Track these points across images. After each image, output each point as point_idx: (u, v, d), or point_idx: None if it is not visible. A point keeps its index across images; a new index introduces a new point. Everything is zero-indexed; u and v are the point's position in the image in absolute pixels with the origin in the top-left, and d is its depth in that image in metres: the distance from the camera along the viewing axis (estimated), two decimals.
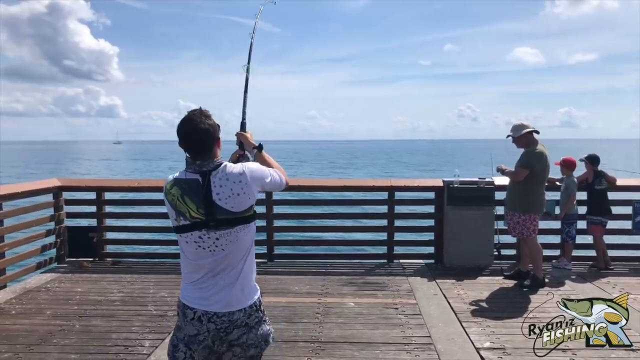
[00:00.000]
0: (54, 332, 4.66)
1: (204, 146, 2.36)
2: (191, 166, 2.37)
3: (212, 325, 2.38)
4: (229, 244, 2.36)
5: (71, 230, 7.40)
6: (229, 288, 2.40)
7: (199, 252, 2.38)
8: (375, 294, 5.84)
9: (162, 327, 4.79)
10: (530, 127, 6.04)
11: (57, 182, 7.23)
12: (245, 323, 2.43)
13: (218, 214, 2.32)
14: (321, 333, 4.63)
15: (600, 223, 6.79)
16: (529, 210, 5.97)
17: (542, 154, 5.94)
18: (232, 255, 2.39)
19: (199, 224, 2.33)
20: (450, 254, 7.03)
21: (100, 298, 5.68)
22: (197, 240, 2.36)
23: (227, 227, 2.34)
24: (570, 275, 6.55)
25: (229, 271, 2.41)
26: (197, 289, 2.42)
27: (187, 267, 2.48)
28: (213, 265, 2.39)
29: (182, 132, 2.37)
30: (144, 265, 7.21)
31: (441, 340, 4.46)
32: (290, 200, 8.44)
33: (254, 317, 2.46)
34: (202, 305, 2.39)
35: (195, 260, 2.41)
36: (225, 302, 2.39)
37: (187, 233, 2.36)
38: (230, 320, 2.39)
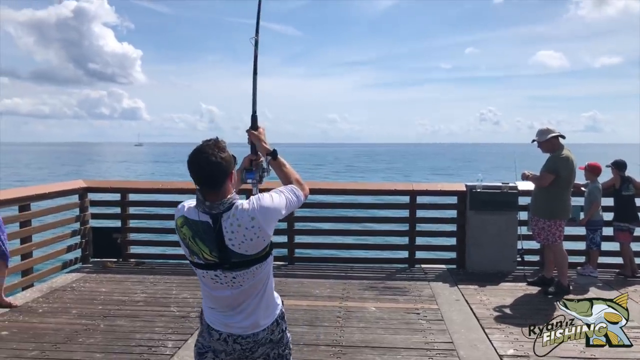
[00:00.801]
0: (80, 331, 4.74)
1: (216, 181, 2.22)
2: (201, 206, 2.25)
3: (237, 346, 2.40)
4: (247, 281, 2.32)
5: (96, 231, 7.52)
6: (252, 313, 2.39)
7: (217, 286, 2.33)
8: (396, 298, 5.82)
9: (184, 328, 4.84)
10: (556, 132, 5.96)
11: (82, 184, 7.37)
12: (269, 340, 2.44)
13: (232, 258, 2.24)
14: (342, 337, 4.62)
15: (628, 230, 6.66)
16: (555, 216, 5.88)
17: (568, 158, 5.85)
18: (251, 289, 2.35)
19: (214, 265, 2.27)
20: (473, 260, 6.96)
21: (124, 298, 5.76)
22: (214, 278, 2.31)
23: (243, 268, 2.28)
24: (596, 282, 6.44)
25: (250, 300, 2.38)
26: (221, 315, 2.41)
27: (207, 295, 2.43)
28: (232, 299, 2.35)
29: (193, 164, 2.23)
30: (167, 266, 7.29)
31: (464, 347, 4.42)
32: (311, 204, 8.46)
33: (277, 332, 2.47)
34: (227, 329, 2.39)
35: (213, 291, 2.36)
36: (249, 325, 2.39)
37: (203, 270, 2.31)
38: (255, 341, 2.40)
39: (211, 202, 2.22)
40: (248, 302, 2.37)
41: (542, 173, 5.91)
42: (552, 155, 5.92)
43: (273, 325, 2.45)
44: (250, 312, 2.38)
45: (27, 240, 6.24)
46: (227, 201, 2.23)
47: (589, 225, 6.70)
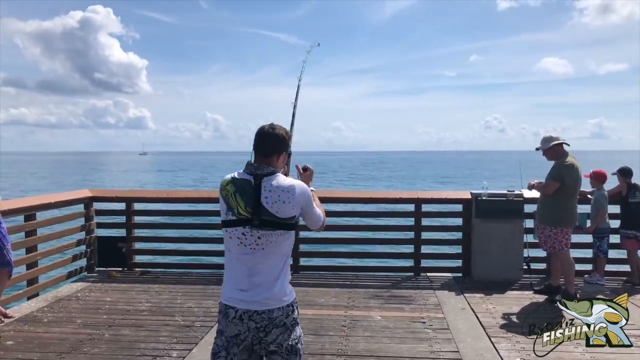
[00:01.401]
0: (84, 341, 4.73)
1: (268, 149, 2.64)
2: (249, 168, 2.62)
3: (252, 324, 2.52)
4: (269, 245, 2.54)
5: (101, 240, 7.53)
6: (267, 287, 2.55)
7: (241, 250, 2.56)
8: (402, 307, 5.78)
9: (189, 338, 4.82)
10: (560, 139, 5.94)
11: (88, 193, 7.39)
12: (283, 323, 2.57)
13: (263, 215, 2.51)
14: (347, 346, 4.59)
15: (635, 237, 6.61)
16: (561, 223, 5.85)
17: (573, 165, 5.82)
18: (271, 257, 2.57)
19: (244, 220, 2.52)
20: (479, 268, 6.92)
21: (129, 308, 5.75)
22: (240, 237, 2.54)
23: (269, 229, 2.52)
24: (603, 290, 6.39)
25: (267, 271, 2.56)
26: (237, 289, 2.57)
27: (229, 265, 2.64)
28: (252, 264, 2.55)
29: (258, 132, 2.68)
30: (172, 275, 7.28)
31: (470, 356, 4.38)
32: None
33: (291, 319, 2.62)
34: (243, 304, 2.54)
35: (237, 254, 2.58)
36: (264, 300, 2.54)
37: (233, 228, 2.55)
38: (270, 318, 2.54)
39: (261, 166, 2.60)
40: (266, 271, 2.56)
41: (547, 181, 5.88)
42: (557, 163, 5.89)
43: (288, 308, 2.61)
44: (267, 284, 2.55)
45: (33, 249, 6.25)
46: (271, 169, 2.60)
47: (596, 233, 6.66)
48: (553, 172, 5.87)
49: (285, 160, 2.79)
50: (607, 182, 6.85)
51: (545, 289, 6.23)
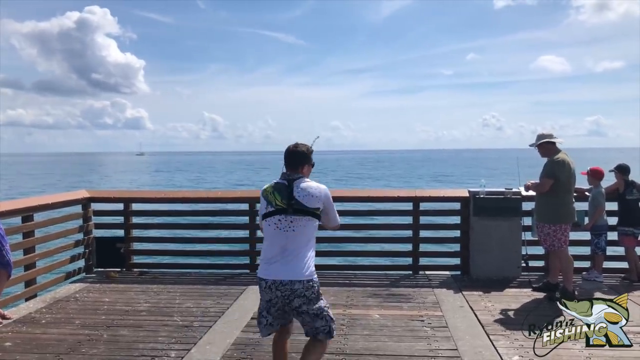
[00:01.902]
0: (83, 342, 4.72)
1: (295, 162, 3.51)
2: (283, 176, 3.51)
3: (278, 293, 3.29)
4: (299, 227, 3.34)
5: (99, 241, 7.53)
6: (293, 263, 3.31)
7: (276, 232, 3.36)
8: (400, 305, 5.79)
9: (187, 338, 4.82)
10: (552, 137, 5.98)
11: (85, 194, 7.38)
12: (303, 294, 3.31)
13: (295, 205, 3.35)
14: (346, 345, 4.59)
15: (632, 234, 6.63)
16: (559, 220, 5.86)
17: (564, 161, 5.84)
18: (299, 238, 3.35)
19: (281, 210, 3.36)
20: (477, 266, 6.93)
21: (127, 308, 5.75)
22: (277, 222, 3.36)
23: (300, 215, 3.35)
24: (602, 287, 6.40)
25: (295, 250, 3.33)
26: (269, 264, 3.35)
27: (265, 247, 3.43)
28: (284, 244, 3.33)
29: (287, 151, 3.55)
30: (170, 275, 7.28)
31: (468, 354, 4.38)
32: None
33: (311, 292, 3.34)
34: (271, 276, 3.31)
35: (272, 237, 3.38)
36: (288, 273, 3.28)
37: (271, 217, 3.38)
38: (292, 289, 3.28)
39: (291, 174, 3.47)
40: (293, 248, 3.33)
41: (541, 179, 5.90)
42: (549, 160, 5.92)
43: (308, 283, 3.32)
44: (292, 259, 3.32)
45: (30, 250, 6.25)
46: (299, 175, 3.48)
47: (594, 230, 6.68)
48: (545, 169, 5.89)
49: (310, 170, 3.61)
50: (605, 179, 6.86)
51: (543, 287, 6.24)
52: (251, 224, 7.40)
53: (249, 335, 4.88)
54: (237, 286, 6.58)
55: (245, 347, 4.59)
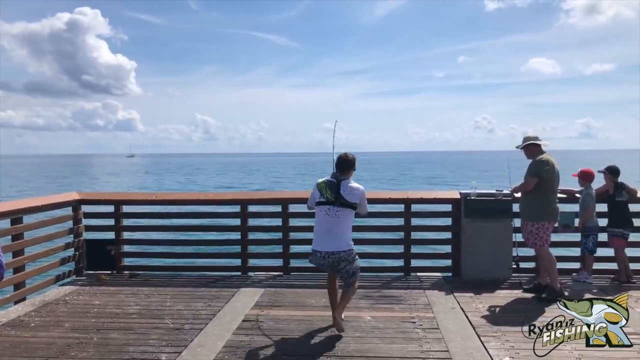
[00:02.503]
0: (72, 345, 4.69)
1: (344, 167, 4.98)
2: (333, 175, 5.00)
3: (329, 260, 4.87)
4: (342, 216, 4.85)
5: (89, 243, 7.48)
6: (337, 239, 4.84)
7: (326, 218, 4.87)
8: (392, 307, 5.79)
9: (179, 340, 4.80)
10: (537, 139, 6.10)
11: (76, 196, 7.33)
12: (345, 258, 4.89)
13: (340, 199, 4.85)
14: (338, 347, 4.59)
15: (622, 235, 6.67)
16: (542, 218, 5.97)
17: (548, 161, 5.96)
18: (342, 223, 4.86)
19: (330, 202, 4.87)
20: (468, 267, 6.95)
21: (118, 311, 5.71)
22: (327, 210, 4.87)
23: (343, 207, 4.86)
24: (591, 289, 6.44)
25: (340, 231, 4.85)
26: (322, 241, 4.88)
27: (317, 227, 4.96)
28: (331, 226, 4.84)
29: (340, 158, 4.99)
30: (162, 278, 7.24)
31: (459, 355, 4.39)
32: (306, 213, 8.43)
33: (351, 256, 4.95)
34: (325, 248, 4.86)
35: (322, 220, 4.89)
36: (335, 246, 4.83)
37: (323, 206, 4.89)
38: (339, 257, 4.85)
39: (340, 176, 4.95)
40: (337, 230, 4.84)
41: (526, 177, 6.01)
42: (533, 160, 6.04)
43: (349, 251, 4.90)
44: (337, 237, 4.84)
45: (20, 253, 6.19)
46: (345, 177, 4.97)
47: (584, 230, 6.72)
48: (530, 168, 6.02)
49: (352, 172, 5.03)
50: (595, 180, 6.90)
51: (534, 288, 6.28)
52: (243, 225, 7.38)
53: (241, 337, 4.86)
54: (228, 288, 6.56)
55: (237, 349, 4.57)
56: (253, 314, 5.56)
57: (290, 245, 7.41)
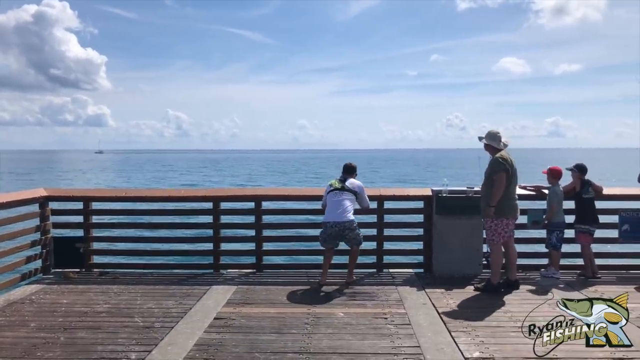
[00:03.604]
0: (38, 345, 4.57)
1: (349, 171, 6.81)
2: (341, 176, 6.77)
3: (336, 228, 6.39)
4: (345, 197, 6.50)
5: (57, 241, 7.31)
6: (343, 213, 6.38)
7: (334, 199, 6.49)
8: (364, 303, 5.82)
9: (149, 339, 4.72)
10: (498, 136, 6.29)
11: (43, 192, 7.15)
12: (349, 227, 6.40)
13: (345, 189, 6.56)
14: (310, 344, 4.59)
15: (588, 232, 6.83)
16: (500, 215, 6.13)
17: (507, 158, 6.13)
18: (345, 202, 6.45)
19: (338, 189, 6.56)
20: (440, 263, 7.03)
21: (86, 309, 5.60)
22: (334, 194, 6.53)
23: (346, 193, 6.54)
24: (558, 284, 6.57)
25: (344, 207, 6.41)
26: (331, 214, 6.43)
27: (328, 207, 6.52)
28: (337, 203, 6.45)
29: (346, 165, 6.91)
30: (132, 276, 7.13)
31: (430, 351, 4.43)
32: (278, 210, 8.41)
33: (354, 226, 6.46)
34: (332, 219, 6.39)
35: (332, 201, 6.49)
36: (341, 217, 6.36)
37: (331, 192, 6.55)
38: (344, 226, 6.38)
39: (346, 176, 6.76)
40: (342, 205, 6.42)
41: (494, 175, 6.12)
42: (493, 158, 6.22)
43: (352, 222, 6.42)
44: (342, 211, 6.38)
45: None
46: (350, 178, 6.73)
47: (550, 226, 6.87)
48: (493, 167, 6.17)
49: (355, 175, 6.84)
50: (563, 178, 7.04)
51: (503, 283, 6.37)
52: (215, 222, 7.31)
53: (212, 335, 4.82)
54: (200, 286, 6.49)
55: (208, 347, 4.53)
56: (225, 311, 5.52)
57: (263, 242, 7.37)
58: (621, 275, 7.00)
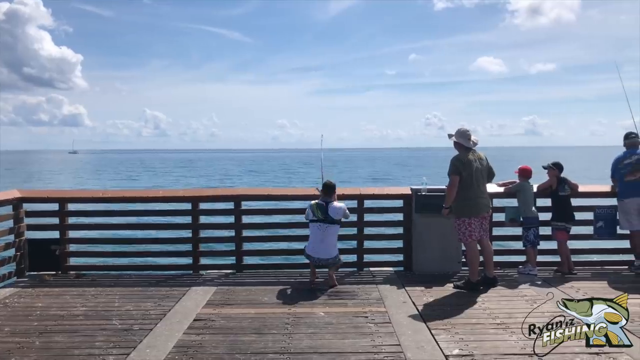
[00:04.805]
0: (12, 350, 4.47)
1: (330, 191, 6.52)
2: (322, 198, 6.49)
3: (320, 262, 6.43)
4: (328, 230, 6.37)
5: (32, 243, 7.15)
6: (327, 249, 6.37)
7: (319, 232, 6.37)
8: (345, 302, 5.82)
9: (127, 342, 4.65)
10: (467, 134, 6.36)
11: (17, 194, 7.00)
12: (332, 262, 6.43)
13: (328, 218, 6.36)
14: (290, 344, 4.57)
15: (565, 229, 6.94)
16: (461, 214, 6.24)
17: (467, 160, 6.21)
18: (329, 235, 6.38)
19: (320, 220, 6.38)
20: (419, 262, 7.07)
21: (63, 313, 5.49)
22: (318, 226, 6.39)
23: (328, 223, 6.37)
24: (536, 280, 6.66)
25: (327, 241, 6.36)
26: (315, 249, 6.39)
27: (312, 238, 6.46)
28: (322, 238, 6.36)
29: (325, 185, 6.57)
30: (109, 277, 7.03)
31: (411, 349, 4.45)
32: (258, 210, 8.36)
33: (337, 259, 6.49)
34: (317, 255, 6.40)
35: (316, 234, 6.41)
36: (326, 254, 6.38)
37: (315, 223, 6.40)
38: (327, 262, 6.42)
39: (326, 198, 6.48)
40: (326, 241, 6.37)
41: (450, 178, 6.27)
42: (451, 159, 6.32)
43: (334, 257, 6.44)
44: (326, 247, 6.37)
45: None
46: (331, 199, 6.47)
47: (525, 223, 6.97)
48: (449, 168, 6.29)
49: (335, 194, 6.56)
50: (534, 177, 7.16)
51: (481, 281, 6.43)
52: (194, 223, 7.24)
53: (192, 337, 4.77)
54: (179, 287, 6.42)
55: (188, 349, 4.48)
56: (205, 312, 5.47)
57: (243, 242, 7.33)
58: (596, 271, 7.13)
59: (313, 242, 6.43)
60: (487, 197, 6.43)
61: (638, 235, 6.92)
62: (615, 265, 7.36)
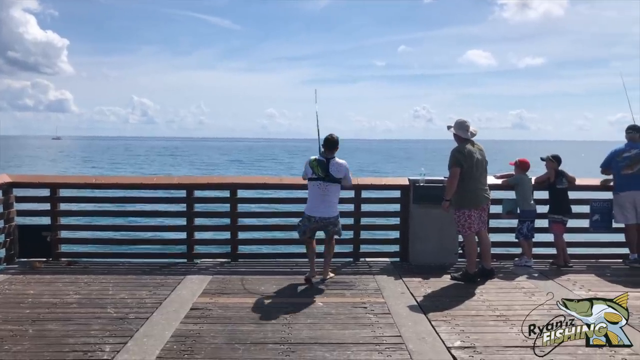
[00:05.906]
0: (5, 338, 4.36)
1: (332, 147, 6.05)
2: (323, 155, 6.05)
3: (321, 223, 6.02)
4: (330, 189, 5.97)
5: (22, 229, 7.01)
6: (328, 208, 6.00)
7: (318, 191, 5.97)
8: (343, 293, 5.77)
9: (123, 330, 4.57)
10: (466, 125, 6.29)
11: (7, 179, 6.85)
12: (333, 222, 6.05)
13: (329, 176, 5.93)
14: (290, 334, 4.51)
15: (562, 221, 6.94)
16: (461, 206, 6.20)
17: (467, 151, 6.16)
18: (330, 194, 5.99)
19: (320, 178, 5.94)
20: (416, 252, 7.04)
21: (55, 300, 5.38)
22: (318, 185, 5.96)
23: (330, 182, 5.95)
24: (532, 272, 6.66)
25: (330, 202, 6.00)
26: (315, 208, 5.99)
27: (311, 198, 6.07)
28: (322, 197, 5.97)
29: (327, 139, 6.05)
30: (102, 265, 6.92)
31: (412, 340, 4.41)
32: (254, 199, 8.27)
33: (336, 219, 6.09)
34: (317, 214, 5.99)
35: (315, 193, 6.00)
36: (327, 212, 5.99)
37: (315, 181, 5.96)
38: (329, 221, 6.02)
39: (328, 154, 6.03)
40: (327, 200, 5.98)
41: (450, 169, 6.21)
42: (452, 150, 6.25)
43: (335, 217, 6.07)
44: (327, 206, 5.98)
45: None
46: (334, 156, 6.04)
47: (521, 216, 6.96)
48: (450, 159, 6.23)
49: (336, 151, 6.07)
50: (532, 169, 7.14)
51: (479, 272, 6.42)
52: (189, 211, 7.14)
53: (189, 326, 4.69)
54: (174, 276, 6.33)
55: (186, 339, 4.40)
56: (201, 302, 5.39)
57: (238, 231, 7.25)
58: (591, 264, 7.14)
59: (312, 202, 5.98)
60: (487, 189, 6.39)
61: (633, 229, 6.94)
62: (610, 259, 7.38)
